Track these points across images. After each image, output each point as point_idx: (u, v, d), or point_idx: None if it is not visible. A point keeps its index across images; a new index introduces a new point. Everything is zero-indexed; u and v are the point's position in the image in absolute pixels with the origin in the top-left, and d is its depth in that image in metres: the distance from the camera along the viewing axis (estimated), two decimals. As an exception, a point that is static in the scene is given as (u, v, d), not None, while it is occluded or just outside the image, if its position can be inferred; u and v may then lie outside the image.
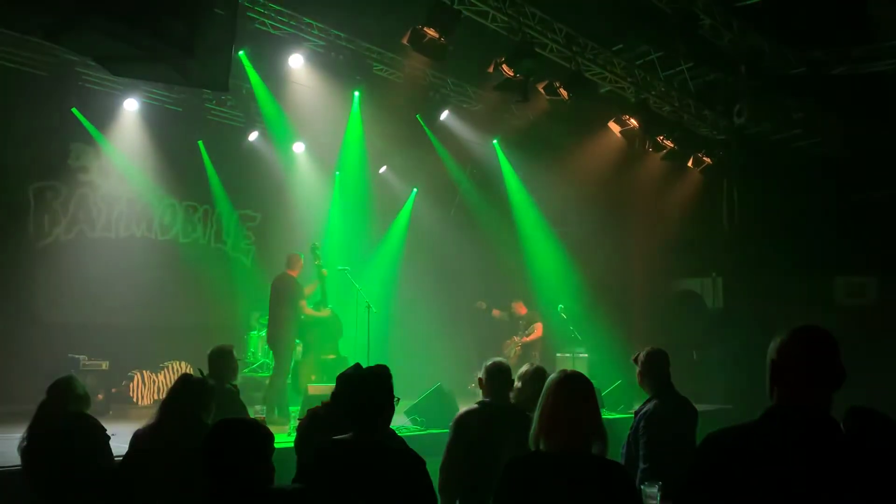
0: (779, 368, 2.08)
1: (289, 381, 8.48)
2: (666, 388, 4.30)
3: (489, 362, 4.01)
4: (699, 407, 4.51)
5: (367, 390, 2.91)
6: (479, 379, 4.00)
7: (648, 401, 4.31)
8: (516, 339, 11.46)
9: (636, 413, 4.32)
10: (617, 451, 4.39)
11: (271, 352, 11.06)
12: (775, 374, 2.07)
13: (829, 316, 12.41)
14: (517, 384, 4.06)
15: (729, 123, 11.29)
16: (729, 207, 12.18)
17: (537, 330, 11.40)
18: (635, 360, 4.38)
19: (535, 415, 2.59)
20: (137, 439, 3.67)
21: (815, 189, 12.00)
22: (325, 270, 8.83)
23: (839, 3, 8.62)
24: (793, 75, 10.16)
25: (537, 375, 3.87)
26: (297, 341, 8.74)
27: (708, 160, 11.48)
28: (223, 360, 5.13)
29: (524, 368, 4.15)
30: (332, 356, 8.93)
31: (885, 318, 11.88)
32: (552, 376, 2.67)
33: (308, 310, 8.52)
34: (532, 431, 2.58)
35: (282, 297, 8.27)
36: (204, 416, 3.58)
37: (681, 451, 3.88)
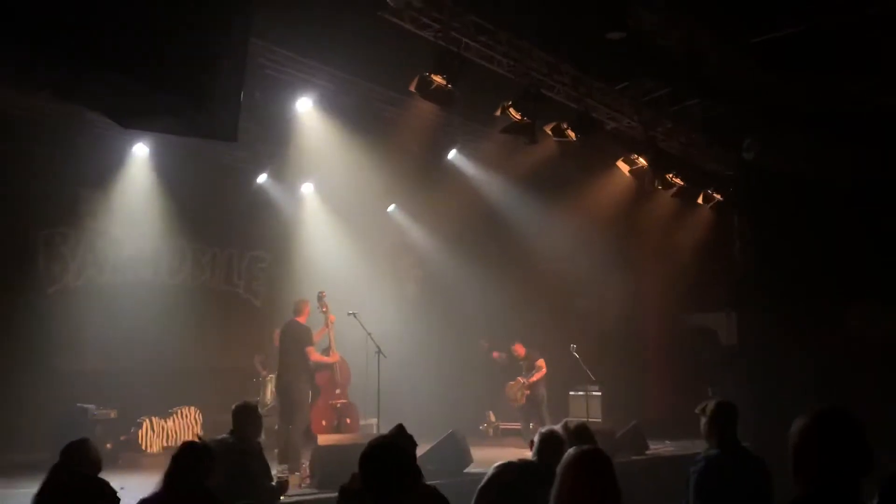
0: (801, 454, 2.01)
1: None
2: (730, 442, 4.09)
3: (545, 429, 4.27)
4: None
5: (379, 469, 2.83)
6: (531, 441, 4.21)
7: (706, 451, 4.12)
8: (522, 380, 11.20)
9: (693, 463, 4.11)
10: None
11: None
12: (798, 460, 2.00)
13: (843, 347, 12.29)
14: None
15: (738, 158, 11.24)
16: (741, 242, 12.08)
17: (542, 368, 11.15)
18: (702, 411, 4.21)
19: (552, 495, 2.50)
20: (143, 510, 3.56)
21: (826, 221, 11.91)
22: (332, 316, 8.75)
23: (846, 41, 8.61)
24: (800, 109, 10.13)
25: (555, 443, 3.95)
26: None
27: (718, 196, 11.40)
28: (247, 417, 5.00)
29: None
30: (342, 401, 8.84)
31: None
32: (569, 453, 2.57)
33: (315, 355, 8.43)
34: None
35: (291, 345, 8.20)
36: (209, 482, 3.47)
37: None
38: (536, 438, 4.12)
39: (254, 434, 5.02)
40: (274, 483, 4.96)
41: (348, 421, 8.82)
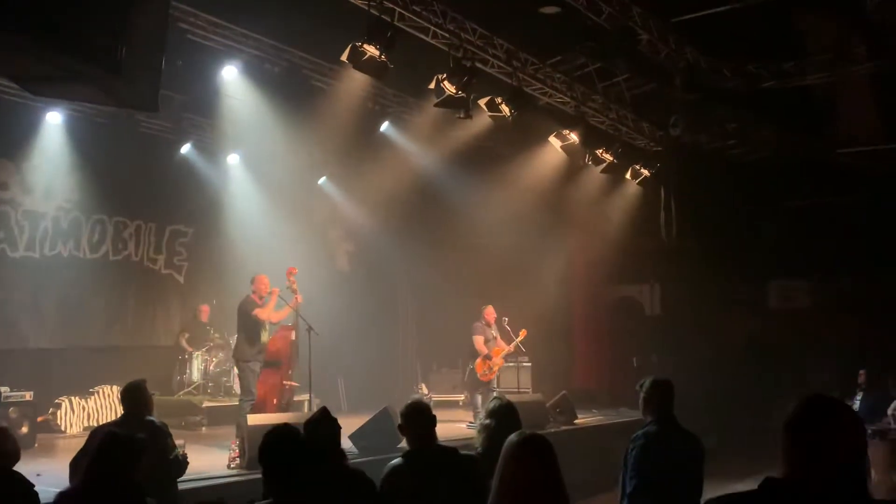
0: (788, 435, 1.96)
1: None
2: (666, 418, 4.15)
3: (405, 405, 3.70)
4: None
5: (278, 457, 2.77)
6: (400, 426, 3.69)
7: (644, 426, 4.19)
8: (506, 346, 10.30)
9: (631, 439, 4.17)
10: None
11: (213, 373, 10.77)
12: (785, 440, 1.96)
13: (762, 319, 12.81)
14: (487, 421, 3.97)
15: (665, 135, 11.47)
16: (666, 216, 12.38)
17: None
18: (640, 387, 4.25)
19: (494, 482, 2.48)
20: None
21: (749, 198, 12.33)
22: (299, 296, 8.45)
23: (770, 21, 8.82)
24: (726, 88, 10.37)
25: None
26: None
27: (646, 172, 11.63)
28: (137, 396, 4.81)
29: (493, 404, 4.05)
30: (293, 384, 8.81)
31: (816, 321, 12.28)
32: (510, 438, 2.54)
33: (265, 313, 8.20)
34: (491, 500, 2.48)
35: (239, 322, 8.06)
36: (135, 475, 3.30)
37: (677, 482, 3.80)
38: (402, 420, 3.66)
39: (147, 411, 4.85)
40: (178, 457, 4.84)
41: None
